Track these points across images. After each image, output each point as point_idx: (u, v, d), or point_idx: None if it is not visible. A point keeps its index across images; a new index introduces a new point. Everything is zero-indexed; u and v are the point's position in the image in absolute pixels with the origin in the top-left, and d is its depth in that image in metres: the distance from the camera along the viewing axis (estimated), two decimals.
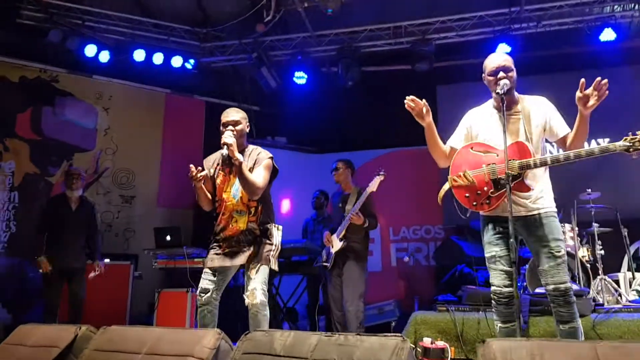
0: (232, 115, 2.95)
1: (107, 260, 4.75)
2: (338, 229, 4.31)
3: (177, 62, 6.53)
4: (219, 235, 2.93)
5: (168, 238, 4.92)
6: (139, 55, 6.34)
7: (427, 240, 6.98)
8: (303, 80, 6.58)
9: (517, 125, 2.58)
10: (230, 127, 2.89)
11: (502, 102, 2.48)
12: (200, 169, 2.87)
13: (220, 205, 2.95)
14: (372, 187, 4.18)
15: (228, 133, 2.83)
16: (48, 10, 5.98)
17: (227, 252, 2.88)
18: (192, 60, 6.73)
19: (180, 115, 7.20)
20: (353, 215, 4.18)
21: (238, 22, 6.36)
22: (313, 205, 5.68)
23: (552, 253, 2.46)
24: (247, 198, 2.90)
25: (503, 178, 2.43)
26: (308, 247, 5.16)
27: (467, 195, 2.58)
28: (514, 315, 2.52)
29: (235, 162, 2.77)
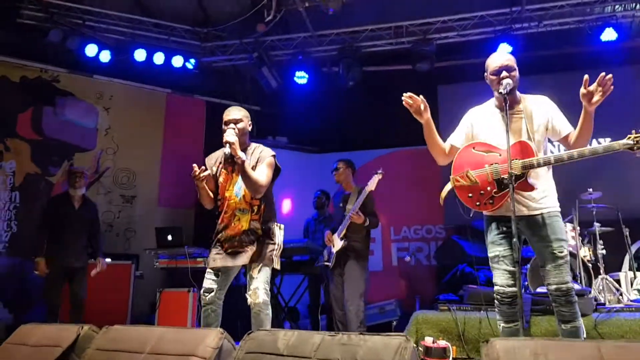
0: (233, 114, 2.93)
1: (108, 260, 4.74)
2: (339, 229, 4.32)
3: (177, 61, 6.52)
4: (221, 235, 2.92)
5: (169, 238, 4.92)
6: (140, 55, 6.33)
7: (428, 240, 6.98)
8: (304, 80, 6.58)
9: (519, 125, 2.57)
10: (232, 125, 2.87)
11: (504, 101, 2.46)
12: (204, 169, 2.85)
13: (223, 204, 2.94)
14: (370, 186, 4.20)
15: (230, 131, 2.81)
16: (48, 10, 5.98)
17: (229, 252, 2.87)
18: (192, 60, 6.73)
19: (181, 115, 7.19)
20: (353, 215, 4.18)
21: (239, 21, 6.35)
22: (314, 205, 5.68)
23: (554, 253, 2.46)
24: (250, 196, 2.88)
25: (506, 178, 2.41)
26: (309, 246, 5.15)
27: (470, 196, 2.57)
28: (517, 315, 2.51)
29: (238, 160, 2.76)
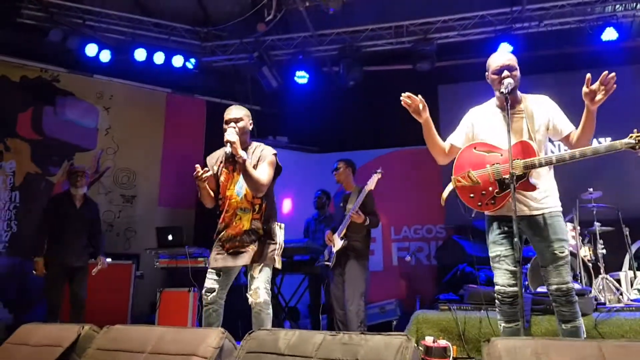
0: (234, 113, 2.92)
1: (108, 260, 4.74)
2: (339, 228, 4.32)
3: (178, 61, 6.52)
4: (222, 234, 2.91)
5: (170, 237, 4.92)
6: (140, 55, 6.33)
7: (428, 240, 6.98)
8: (304, 80, 6.58)
9: (520, 125, 2.55)
10: (232, 124, 2.86)
11: (506, 101, 2.45)
12: (206, 170, 2.85)
13: (224, 203, 2.93)
14: (370, 185, 4.20)
15: (230, 130, 2.81)
16: (49, 10, 5.98)
17: (230, 252, 2.86)
18: (193, 60, 6.73)
19: (181, 115, 7.19)
20: (353, 214, 4.18)
21: (239, 21, 6.35)
22: (315, 205, 5.68)
23: (555, 253, 2.45)
24: (251, 195, 2.88)
25: (508, 178, 2.40)
26: (310, 246, 5.15)
27: (471, 196, 2.56)
28: (518, 315, 2.51)
29: (239, 159, 2.75)
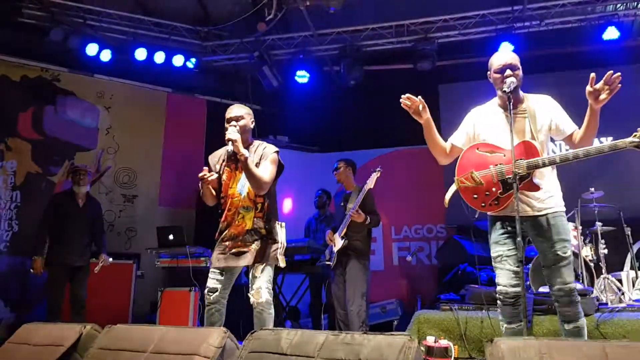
0: (235, 111, 2.92)
1: (110, 260, 4.74)
2: (340, 228, 4.32)
3: (178, 61, 6.52)
4: (225, 233, 2.91)
5: (171, 237, 4.92)
6: (141, 54, 6.32)
7: (429, 240, 6.98)
8: (305, 80, 6.57)
9: (522, 125, 2.54)
10: (234, 122, 2.87)
11: (509, 100, 2.44)
12: (212, 173, 2.87)
13: (226, 202, 2.93)
14: (369, 184, 4.20)
15: (232, 129, 2.81)
16: (49, 9, 5.97)
17: (233, 251, 2.86)
18: (193, 59, 6.72)
19: (182, 115, 7.19)
20: (353, 213, 4.18)
21: (239, 20, 6.33)
22: (315, 205, 5.68)
23: (558, 254, 2.44)
24: (253, 194, 2.88)
25: (511, 178, 2.38)
26: (311, 246, 5.14)
27: (475, 197, 2.55)
28: (520, 315, 2.50)
29: (240, 157, 2.75)
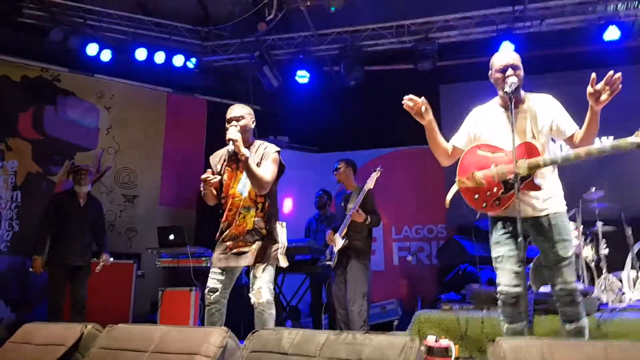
0: (235, 111, 2.93)
1: (111, 259, 4.73)
2: (340, 228, 4.31)
3: (178, 61, 6.52)
4: (225, 233, 2.91)
5: (171, 237, 4.92)
6: (141, 54, 6.32)
7: (429, 240, 6.98)
8: (305, 80, 6.57)
9: (523, 125, 2.53)
10: (234, 122, 2.87)
11: (510, 100, 2.43)
12: (216, 176, 2.89)
13: (227, 202, 2.93)
14: (369, 184, 4.20)
15: (232, 129, 2.81)
16: (49, 9, 5.96)
17: (234, 251, 2.86)
18: (193, 59, 6.72)
19: (182, 115, 7.19)
20: (353, 213, 4.18)
21: (240, 20, 6.32)
22: (316, 205, 5.67)
23: (559, 254, 2.43)
24: (254, 194, 2.88)
25: (513, 178, 2.37)
26: (311, 246, 5.14)
27: (476, 197, 2.54)
28: (521, 316, 2.50)
29: (241, 157, 2.75)
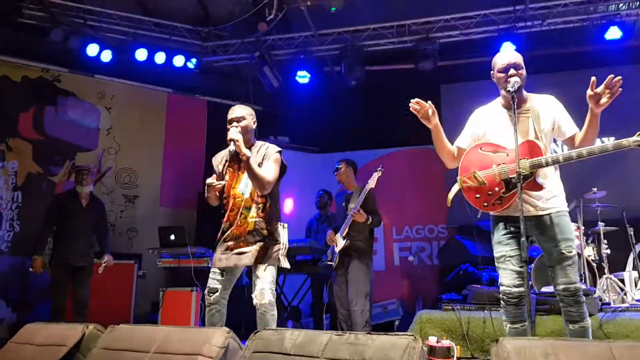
0: (236, 112, 2.93)
1: (112, 261, 4.71)
2: (341, 228, 4.30)
3: (179, 61, 6.52)
4: (227, 234, 2.90)
5: (172, 237, 4.91)
6: (141, 55, 6.32)
7: (430, 240, 6.97)
8: (306, 80, 6.57)
9: (526, 124, 2.53)
10: (235, 123, 2.88)
11: (512, 100, 2.43)
12: (221, 182, 2.90)
13: (228, 202, 2.93)
14: (370, 183, 4.19)
15: (233, 129, 2.82)
16: (50, 10, 5.96)
17: (234, 252, 2.86)
18: (194, 60, 6.72)
19: (183, 115, 7.19)
20: (355, 213, 4.17)
21: (240, 21, 6.32)
22: (317, 205, 5.67)
23: (563, 253, 2.43)
24: (256, 194, 2.88)
25: (514, 177, 2.38)
26: (312, 246, 5.14)
27: (477, 196, 2.54)
28: (524, 316, 2.50)
29: (242, 157, 2.74)
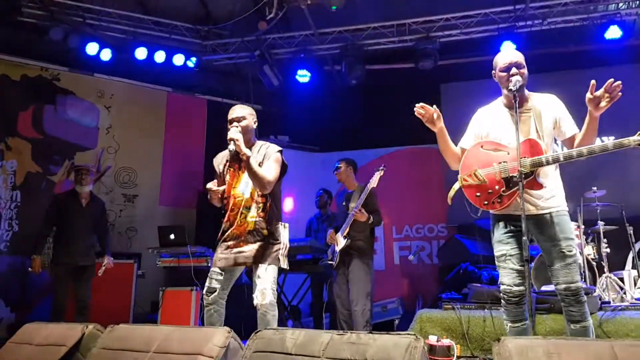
0: (236, 112, 2.93)
1: (112, 263, 4.70)
2: (342, 227, 4.30)
3: (178, 60, 6.52)
4: (227, 233, 2.90)
5: (172, 237, 4.90)
6: (141, 54, 6.32)
7: (430, 239, 6.97)
8: (306, 79, 6.56)
9: (528, 124, 2.53)
10: (235, 123, 2.87)
11: (514, 99, 2.43)
12: (219, 188, 2.90)
13: (229, 202, 2.92)
14: (372, 183, 4.19)
15: (234, 129, 2.81)
16: (49, 8, 5.94)
17: (234, 251, 2.85)
18: (193, 59, 6.71)
19: (182, 114, 7.18)
20: (356, 212, 4.16)
21: (240, 19, 6.32)
22: (317, 204, 5.66)
23: (563, 252, 2.42)
24: (256, 193, 2.87)
25: (515, 176, 2.38)
26: (312, 245, 5.13)
27: (478, 195, 2.54)
28: (525, 315, 2.50)
29: (243, 156, 2.74)
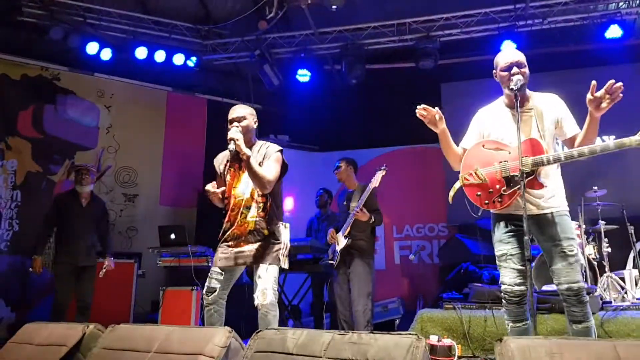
0: (237, 112, 2.92)
1: (113, 264, 4.69)
2: (343, 227, 4.29)
3: (179, 59, 6.51)
4: (228, 233, 2.90)
5: (172, 236, 4.90)
6: (141, 53, 6.31)
7: (430, 239, 6.97)
8: (306, 78, 6.56)
9: (529, 123, 2.53)
10: (235, 123, 2.87)
11: (515, 98, 2.42)
12: (216, 191, 2.89)
13: (229, 202, 2.92)
14: (374, 182, 4.18)
15: (234, 129, 2.81)
16: (49, 8, 5.93)
17: (235, 251, 2.85)
18: (194, 58, 6.71)
19: (182, 113, 7.17)
20: (357, 212, 4.16)
21: (240, 19, 6.32)
22: (317, 204, 5.66)
23: (564, 252, 2.42)
24: (256, 193, 2.87)
25: (516, 175, 2.37)
26: (313, 245, 5.13)
27: (478, 194, 2.53)
28: (526, 314, 2.50)
29: (243, 156, 2.74)
